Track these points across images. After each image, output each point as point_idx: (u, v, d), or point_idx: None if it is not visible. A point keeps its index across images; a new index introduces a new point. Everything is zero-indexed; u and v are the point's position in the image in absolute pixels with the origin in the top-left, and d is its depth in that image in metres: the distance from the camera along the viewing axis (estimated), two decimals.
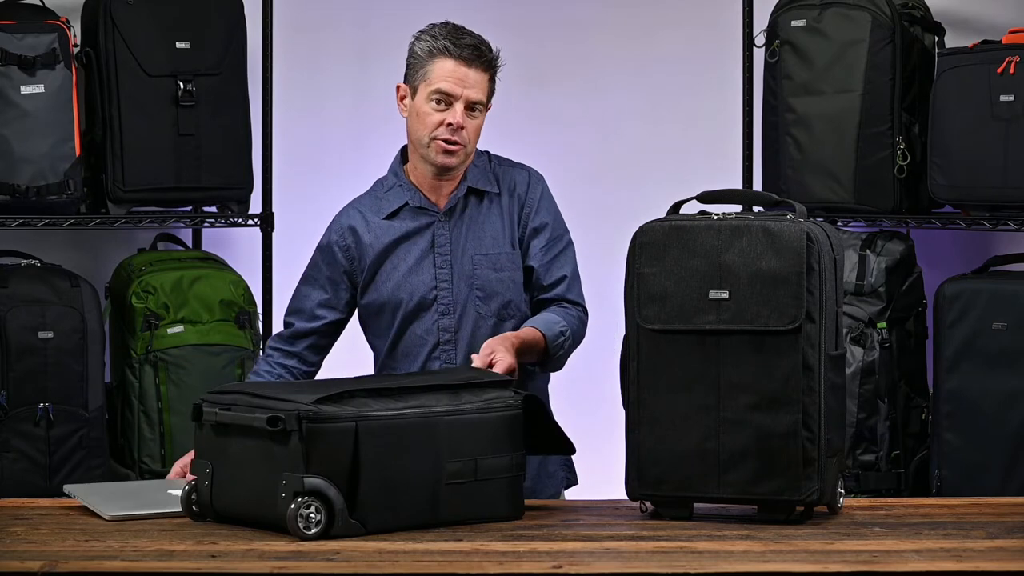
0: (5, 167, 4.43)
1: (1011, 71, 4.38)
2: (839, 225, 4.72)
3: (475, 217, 3.52)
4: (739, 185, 4.91)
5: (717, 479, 2.92)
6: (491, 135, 3.54)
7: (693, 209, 3.05)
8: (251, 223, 4.89)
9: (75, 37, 4.58)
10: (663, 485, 2.96)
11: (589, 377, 4.17)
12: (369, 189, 3.61)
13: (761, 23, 4.84)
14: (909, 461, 4.52)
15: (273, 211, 4.91)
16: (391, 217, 3.53)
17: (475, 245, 3.50)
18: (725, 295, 2.92)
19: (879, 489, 4.45)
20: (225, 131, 4.74)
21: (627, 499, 3.02)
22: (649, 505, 3.00)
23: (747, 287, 2.90)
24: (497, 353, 3.25)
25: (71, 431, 4.43)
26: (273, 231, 4.90)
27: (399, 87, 3.51)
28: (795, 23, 4.71)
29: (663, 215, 3.03)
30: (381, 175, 3.61)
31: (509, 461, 2.96)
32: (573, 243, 3.59)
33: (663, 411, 2.95)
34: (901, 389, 4.53)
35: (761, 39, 4.83)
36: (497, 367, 3.21)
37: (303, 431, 2.75)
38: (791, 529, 2.87)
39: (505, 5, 5.17)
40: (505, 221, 3.53)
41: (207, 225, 4.97)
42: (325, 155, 5.22)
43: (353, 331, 3.62)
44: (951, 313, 4.40)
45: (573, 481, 3.64)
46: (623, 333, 3.00)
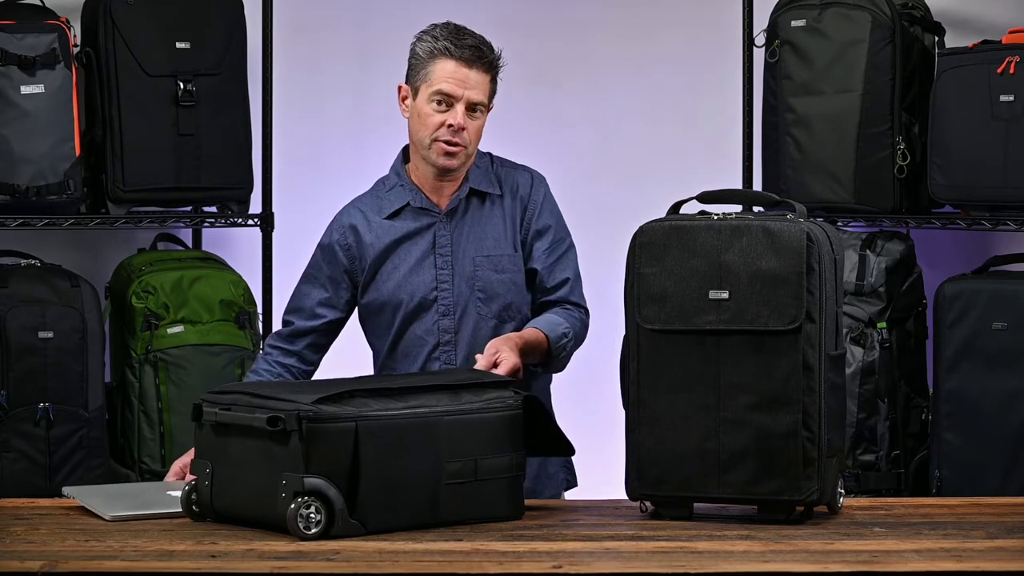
0: (5, 167, 4.43)
1: (1011, 71, 4.38)
2: (839, 225, 4.72)
3: (477, 218, 3.52)
4: (739, 185, 4.91)
5: (717, 479, 2.92)
6: (491, 135, 3.54)
7: (693, 209, 3.05)
8: (251, 223, 4.89)
9: (75, 37, 4.58)
10: (663, 485, 2.96)
11: (589, 377, 4.16)
12: (371, 188, 3.61)
13: (761, 23, 4.84)
14: (909, 461, 4.52)
15: (273, 211, 4.90)
16: (392, 217, 3.53)
17: (476, 246, 3.50)
18: (725, 295, 2.92)
19: (879, 489, 4.45)
20: (225, 131, 4.73)
21: (627, 499, 3.02)
22: (649, 505, 3.00)
23: (747, 287, 2.90)
24: (502, 353, 3.25)
25: (71, 431, 4.42)
26: (273, 231, 4.90)
27: (400, 87, 3.51)
28: (795, 23, 4.71)
29: (663, 215, 3.03)
30: (381, 175, 3.61)
31: (509, 461, 2.96)
32: (574, 245, 3.59)
33: (663, 411, 2.95)
34: (901, 389, 4.53)
35: (761, 39, 4.83)
36: (502, 366, 3.22)
37: (303, 431, 2.75)
38: (791, 529, 2.87)
39: (505, 5, 5.17)
40: (507, 223, 3.53)
41: (207, 225, 4.97)
42: (325, 155, 5.22)
43: (353, 331, 3.61)
44: (951, 313, 4.40)
45: (573, 483, 3.63)
46: (623, 333, 3.00)
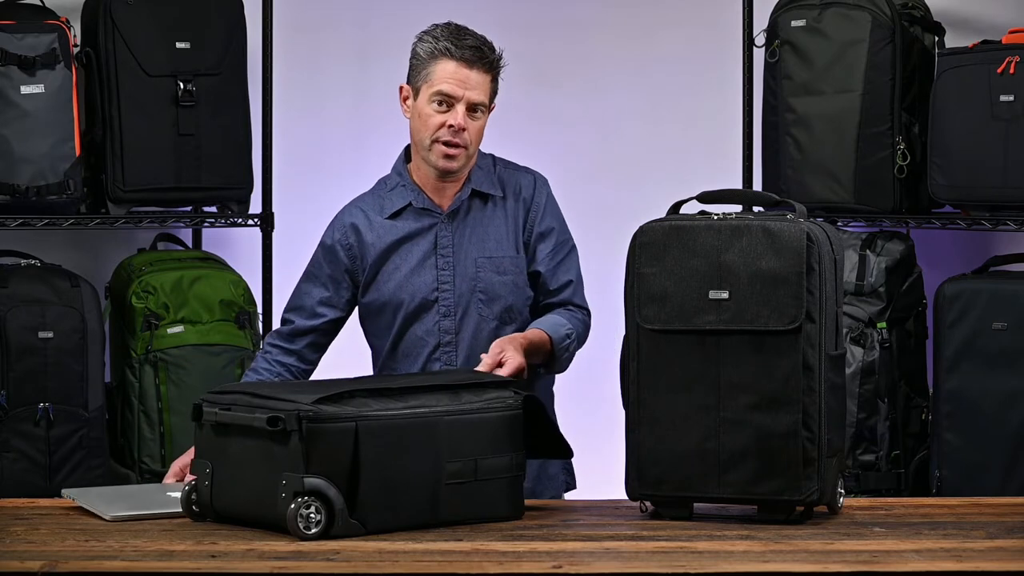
0: (5, 167, 4.43)
1: (1011, 71, 4.37)
2: (839, 225, 4.72)
3: (479, 220, 3.51)
4: (739, 185, 4.91)
5: (717, 479, 2.92)
6: (491, 135, 3.54)
7: (693, 209, 3.05)
8: (251, 223, 4.88)
9: (75, 37, 4.58)
10: (663, 485, 2.96)
11: (589, 377, 4.16)
12: (372, 188, 3.60)
13: (761, 23, 4.84)
14: (909, 461, 4.52)
15: (273, 211, 4.90)
16: (394, 217, 3.53)
17: (478, 248, 3.50)
18: (725, 295, 2.92)
19: (879, 489, 4.45)
20: (225, 131, 4.73)
21: (627, 499, 3.02)
22: (649, 505, 3.00)
23: (747, 287, 2.90)
24: (507, 353, 3.26)
25: (71, 431, 4.42)
26: (273, 231, 4.90)
27: (402, 88, 3.51)
28: (795, 23, 4.71)
29: (663, 215, 3.03)
30: (381, 175, 3.60)
31: (509, 461, 2.96)
32: (576, 247, 3.59)
33: (663, 411, 2.95)
34: (901, 389, 4.53)
35: (761, 39, 4.83)
36: (507, 366, 3.22)
37: (303, 431, 2.75)
38: (791, 529, 2.87)
39: (505, 5, 5.17)
40: (509, 224, 3.53)
41: (207, 225, 4.97)
42: (325, 155, 5.22)
43: (353, 331, 3.61)
44: (951, 313, 4.39)
45: (572, 485, 3.63)
46: (623, 333, 3.00)
